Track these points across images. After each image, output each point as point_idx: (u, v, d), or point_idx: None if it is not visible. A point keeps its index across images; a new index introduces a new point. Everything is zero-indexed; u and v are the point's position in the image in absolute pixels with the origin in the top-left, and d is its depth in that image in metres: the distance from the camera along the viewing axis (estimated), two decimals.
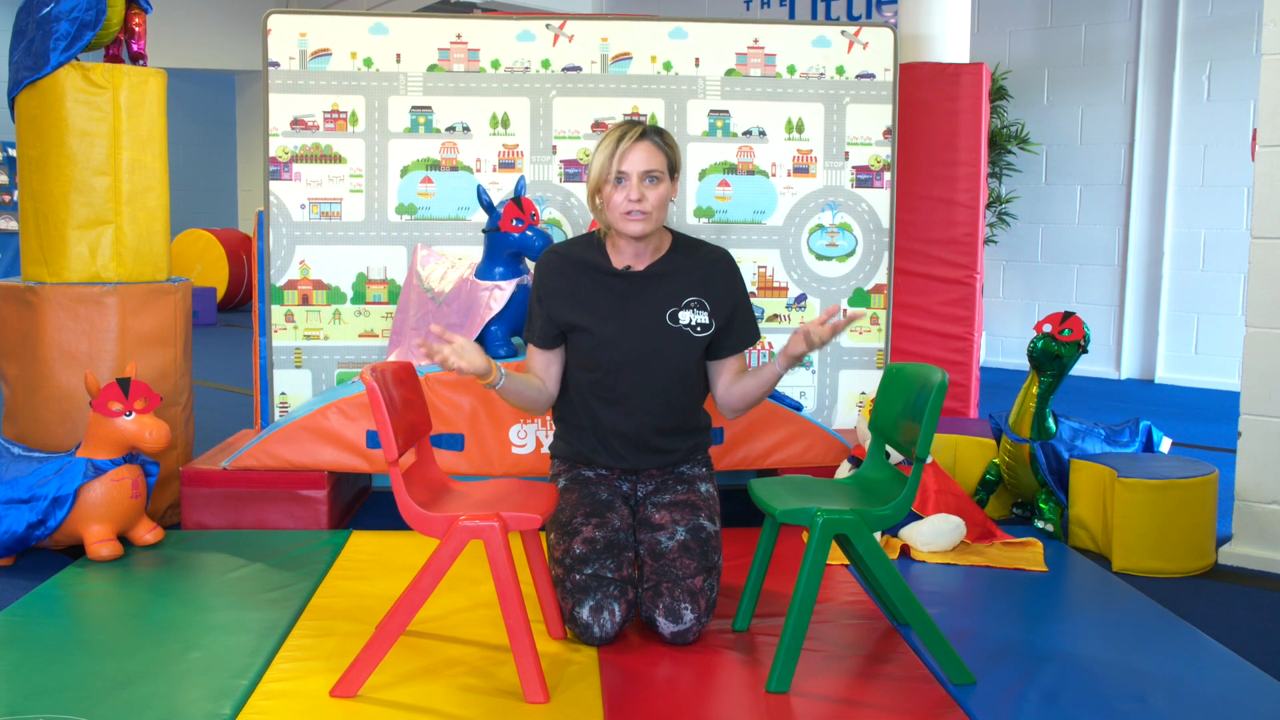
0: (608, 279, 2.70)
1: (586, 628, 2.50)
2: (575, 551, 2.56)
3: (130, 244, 3.58)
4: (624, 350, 2.65)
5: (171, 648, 2.52)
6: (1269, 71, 3.32)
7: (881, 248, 4.19)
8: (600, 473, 2.76)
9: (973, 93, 4.93)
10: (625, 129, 2.61)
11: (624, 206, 2.59)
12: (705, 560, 2.58)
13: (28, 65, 3.47)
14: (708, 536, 2.62)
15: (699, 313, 2.69)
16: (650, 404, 2.68)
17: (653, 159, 2.60)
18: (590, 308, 2.68)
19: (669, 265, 2.71)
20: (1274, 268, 3.31)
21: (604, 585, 2.52)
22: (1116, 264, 7.47)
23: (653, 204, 2.60)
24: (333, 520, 3.54)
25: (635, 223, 2.60)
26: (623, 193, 2.59)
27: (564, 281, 2.71)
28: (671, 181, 2.65)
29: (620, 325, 2.66)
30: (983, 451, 3.88)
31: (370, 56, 3.95)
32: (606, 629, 2.50)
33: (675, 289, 2.70)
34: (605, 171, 2.60)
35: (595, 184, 2.64)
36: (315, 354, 4.01)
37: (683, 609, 2.51)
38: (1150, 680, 2.43)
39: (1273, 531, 3.33)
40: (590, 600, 2.50)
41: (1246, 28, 6.84)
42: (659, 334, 2.67)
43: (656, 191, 2.60)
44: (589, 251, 2.74)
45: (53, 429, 3.48)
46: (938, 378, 2.34)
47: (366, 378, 2.29)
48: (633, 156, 2.59)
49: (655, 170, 2.60)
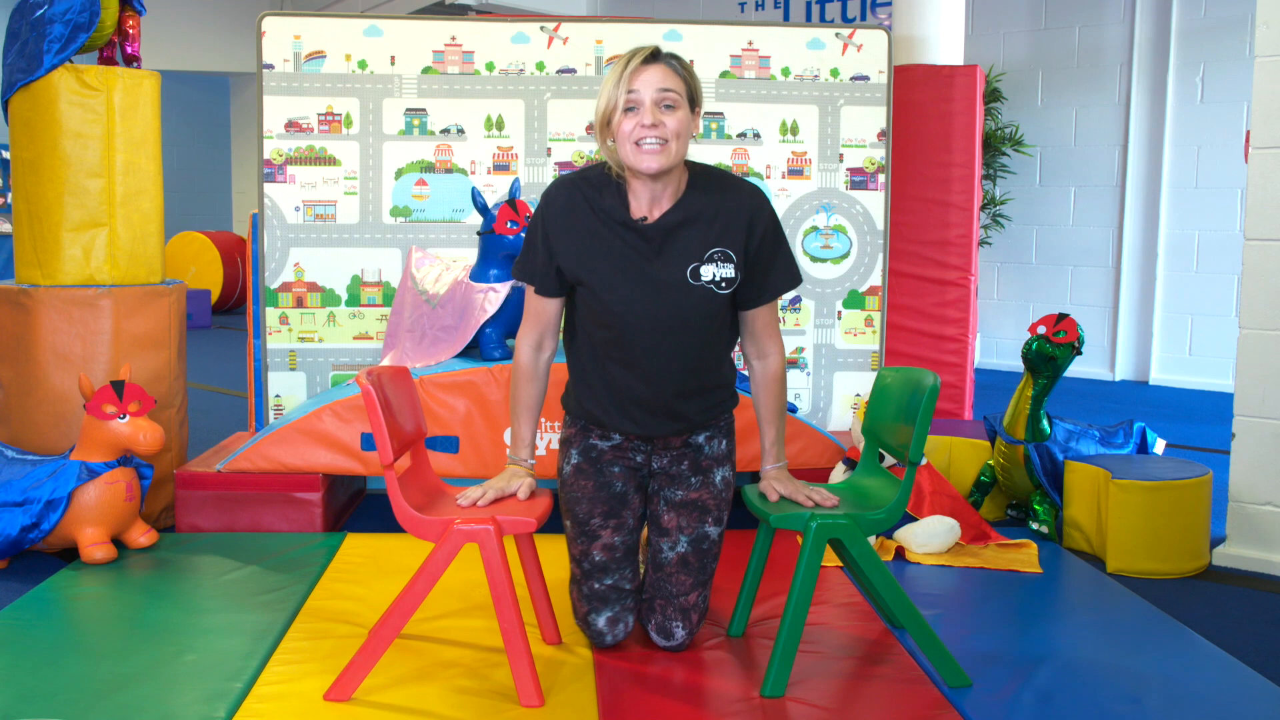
0: (623, 231, 2.39)
1: (600, 635, 2.52)
2: (595, 558, 2.52)
3: (124, 246, 3.58)
4: (640, 312, 2.38)
5: (166, 651, 2.51)
6: (1262, 73, 3.33)
7: (876, 249, 4.19)
8: (614, 440, 2.53)
9: (967, 95, 4.94)
10: (634, 51, 2.31)
11: (637, 134, 2.27)
12: (701, 574, 2.55)
13: (21, 67, 3.47)
14: (709, 546, 2.56)
15: (723, 266, 2.39)
16: (670, 367, 2.42)
17: (668, 79, 2.29)
18: (602, 263, 2.39)
19: (689, 210, 2.39)
20: (1267, 269, 3.32)
21: (622, 598, 2.53)
22: (1111, 266, 7.49)
23: (671, 131, 2.28)
24: (327, 523, 3.54)
25: (651, 155, 2.28)
26: (635, 119, 2.28)
27: (574, 226, 2.40)
28: (692, 114, 2.34)
29: (635, 285, 2.38)
30: (977, 453, 3.88)
31: (365, 59, 3.95)
32: (619, 636, 2.54)
33: (697, 241, 2.38)
34: (614, 98, 2.29)
35: (604, 115, 2.32)
36: (310, 356, 4.00)
37: (674, 627, 2.53)
38: (1145, 681, 2.43)
39: (1266, 532, 3.34)
40: (609, 611, 2.52)
41: (1240, 30, 6.86)
42: (679, 292, 2.38)
43: (675, 118, 2.28)
44: (605, 194, 2.40)
45: (47, 432, 3.47)
46: (930, 381, 2.34)
47: (363, 381, 2.29)
48: (645, 77, 2.28)
49: (671, 92, 2.28)
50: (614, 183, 2.41)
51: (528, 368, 2.52)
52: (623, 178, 2.41)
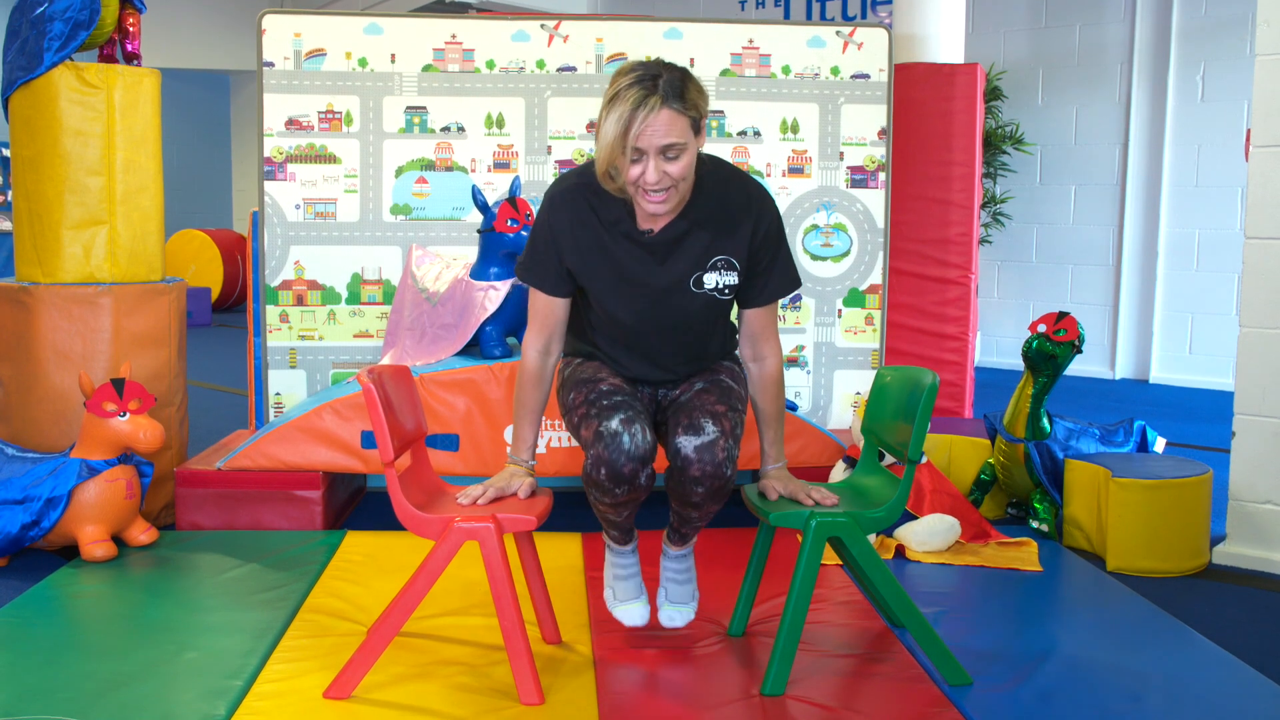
0: (627, 243, 2.38)
1: (615, 435, 2.24)
2: (602, 389, 2.38)
3: (124, 244, 3.57)
4: (644, 318, 2.41)
5: (166, 648, 2.51)
6: (1263, 72, 3.32)
7: (876, 248, 4.19)
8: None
9: (967, 93, 4.94)
10: (638, 98, 2.19)
11: (643, 184, 2.26)
12: (727, 399, 2.40)
13: (21, 65, 3.46)
14: (729, 388, 2.45)
15: (726, 274, 2.39)
16: (676, 355, 2.47)
17: (673, 129, 2.20)
18: (607, 273, 2.40)
19: (694, 217, 2.37)
20: (1268, 268, 3.31)
21: (634, 409, 2.32)
22: (1111, 264, 7.48)
23: (675, 177, 2.25)
24: (327, 521, 3.54)
25: (657, 203, 2.28)
26: (640, 169, 2.24)
27: (580, 237, 2.39)
28: (697, 137, 2.28)
29: (639, 294, 2.39)
30: (977, 451, 3.88)
31: (365, 56, 3.95)
32: (637, 439, 2.24)
33: (701, 248, 2.38)
34: (617, 148, 2.23)
35: (607, 159, 2.27)
36: (310, 354, 4.00)
37: (704, 423, 2.30)
38: (1145, 680, 2.43)
39: (1266, 531, 3.34)
40: (621, 414, 2.28)
41: (1240, 28, 6.85)
42: (682, 299, 2.40)
43: (679, 165, 2.24)
44: (611, 204, 2.38)
45: (47, 430, 3.47)
46: (929, 380, 2.34)
47: (363, 379, 2.29)
48: (650, 132, 2.20)
49: (677, 143, 2.22)
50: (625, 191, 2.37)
51: (535, 372, 2.50)
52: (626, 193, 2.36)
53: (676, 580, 2.57)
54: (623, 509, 2.37)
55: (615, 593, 2.57)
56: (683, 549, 2.55)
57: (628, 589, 2.56)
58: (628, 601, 2.55)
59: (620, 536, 2.54)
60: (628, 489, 2.27)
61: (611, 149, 2.23)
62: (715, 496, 2.32)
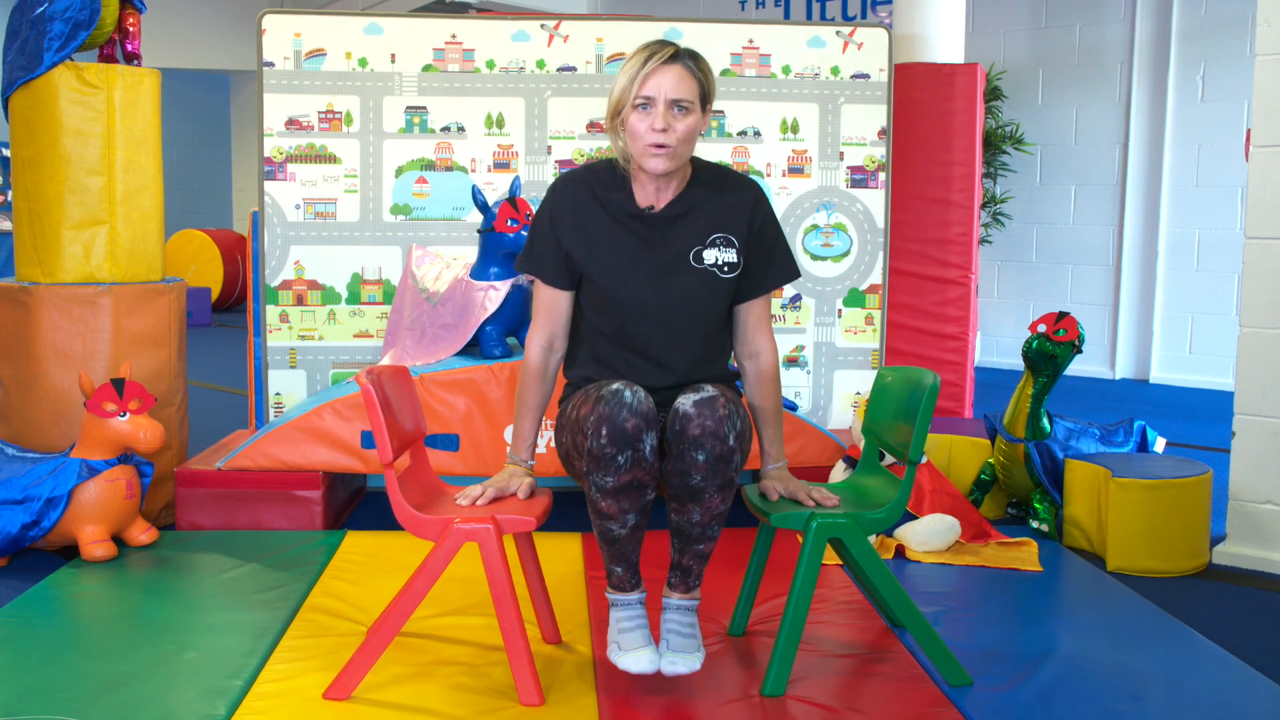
0: (628, 221, 2.41)
1: (617, 393, 2.17)
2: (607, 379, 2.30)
3: (124, 244, 3.57)
4: (644, 298, 2.37)
5: (166, 648, 2.51)
6: (1263, 72, 3.32)
7: (876, 248, 4.19)
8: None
9: (967, 93, 4.94)
10: (655, 48, 2.30)
11: (647, 137, 2.29)
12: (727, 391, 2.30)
13: (21, 65, 3.46)
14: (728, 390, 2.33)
15: (725, 250, 2.41)
16: (675, 347, 2.39)
17: (683, 85, 2.29)
18: (608, 253, 2.40)
19: (692, 200, 2.42)
20: (1268, 268, 3.31)
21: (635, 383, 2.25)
22: (1111, 264, 7.48)
23: (679, 136, 2.29)
24: (327, 521, 3.54)
25: (658, 158, 2.30)
26: (646, 120, 2.29)
27: (581, 219, 2.41)
28: (703, 113, 2.36)
29: (639, 271, 2.38)
30: (977, 451, 3.88)
31: (365, 56, 3.95)
32: (639, 396, 2.17)
33: (700, 226, 2.41)
34: (627, 94, 2.30)
35: (615, 106, 2.34)
36: (310, 354, 4.00)
37: (703, 386, 2.25)
38: (1145, 679, 2.43)
39: (1266, 531, 3.34)
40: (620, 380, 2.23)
41: (1240, 28, 6.85)
42: (683, 274, 2.38)
43: (685, 123, 2.30)
44: (612, 185, 2.42)
45: (47, 430, 3.47)
46: (929, 380, 2.34)
47: (363, 380, 2.29)
48: (660, 79, 2.28)
49: (685, 99, 2.29)
50: (619, 175, 2.43)
51: (537, 368, 2.48)
52: (628, 170, 2.43)
53: (680, 633, 2.32)
54: (625, 502, 2.21)
55: (620, 645, 2.30)
56: (687, 597, 2.34)
57: (633, 639, 2.29)
58: (633, 650, 2.27)
59: (625, 575, 2.32)
60: (631, 456, 2.15)
61: (621, 95, 2.32)
62: (717, 470, 2.18)
